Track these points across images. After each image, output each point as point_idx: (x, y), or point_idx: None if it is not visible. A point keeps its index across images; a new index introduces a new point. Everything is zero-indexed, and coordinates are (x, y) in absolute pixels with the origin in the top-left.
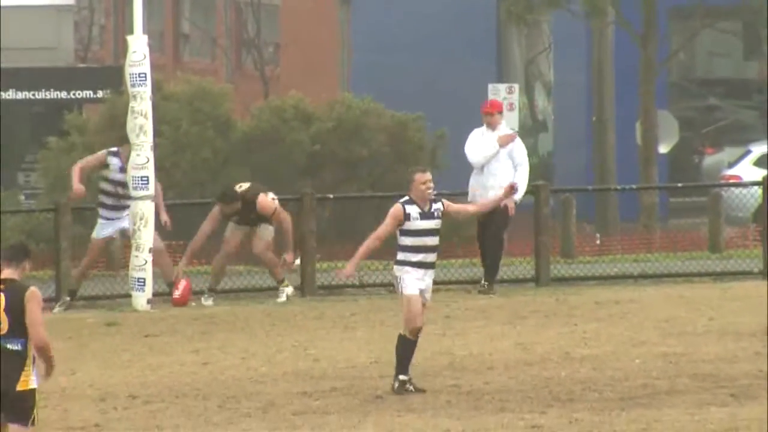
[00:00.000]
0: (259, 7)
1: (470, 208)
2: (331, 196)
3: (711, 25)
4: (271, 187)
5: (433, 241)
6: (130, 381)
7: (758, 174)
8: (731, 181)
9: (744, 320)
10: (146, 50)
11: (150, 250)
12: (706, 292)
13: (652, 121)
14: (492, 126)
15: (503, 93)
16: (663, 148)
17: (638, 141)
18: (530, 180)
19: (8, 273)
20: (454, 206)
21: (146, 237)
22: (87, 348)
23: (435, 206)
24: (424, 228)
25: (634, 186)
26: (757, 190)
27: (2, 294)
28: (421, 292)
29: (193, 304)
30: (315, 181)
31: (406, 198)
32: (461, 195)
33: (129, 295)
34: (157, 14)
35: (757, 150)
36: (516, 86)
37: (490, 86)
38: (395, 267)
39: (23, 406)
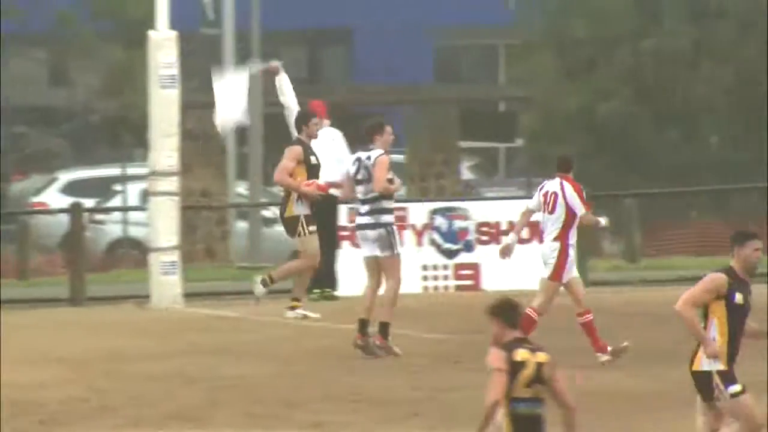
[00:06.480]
0: None
1: None
2: None
3: (19, 53)
4: None
5: None
6: None
7: (65, 201)
8: (39, 208)
9: (51, 346)
10: None
11: None
12: (11, 320)
13: None
14: None
15: None
16: None
17: None
18: None
19: None
20: None
21: None
22: None
23: None
24: None
25: None
26: (65, 217)
27: None
28: None
29: None
30: None
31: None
32: None
33: None
34: None
35: (64, 177)
36: None
37: None
38: None
39: None
